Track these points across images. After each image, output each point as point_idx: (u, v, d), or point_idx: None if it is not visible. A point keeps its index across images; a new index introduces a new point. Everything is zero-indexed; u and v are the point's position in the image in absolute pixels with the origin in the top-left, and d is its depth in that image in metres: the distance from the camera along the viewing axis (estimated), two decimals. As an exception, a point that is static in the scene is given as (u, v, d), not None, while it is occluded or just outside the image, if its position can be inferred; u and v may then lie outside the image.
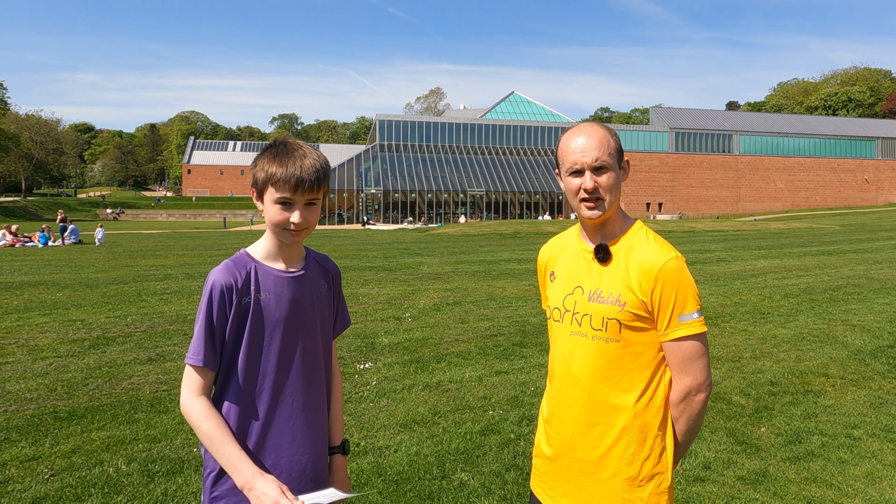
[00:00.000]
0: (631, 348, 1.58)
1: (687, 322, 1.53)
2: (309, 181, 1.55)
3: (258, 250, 1.66)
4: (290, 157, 1.56)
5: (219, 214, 77.11)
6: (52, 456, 3.74)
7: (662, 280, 1.53)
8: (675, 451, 1.63)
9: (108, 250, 20.76)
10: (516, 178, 61.68)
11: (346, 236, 31.26)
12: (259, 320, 1.58)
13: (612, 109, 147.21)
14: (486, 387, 5.16)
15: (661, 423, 1.59)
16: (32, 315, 8.09)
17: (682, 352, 1.55)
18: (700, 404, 1.57)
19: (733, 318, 8.01)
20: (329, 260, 1.82)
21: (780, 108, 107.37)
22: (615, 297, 1.58)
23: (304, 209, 1.58)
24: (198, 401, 1.54)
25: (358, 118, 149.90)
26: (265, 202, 1.60)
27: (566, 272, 1.72)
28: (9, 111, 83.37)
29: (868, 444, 3.96)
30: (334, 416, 1.78)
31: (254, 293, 1.58)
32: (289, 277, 1.64)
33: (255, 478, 1.46)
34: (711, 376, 1.57)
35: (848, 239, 24.14)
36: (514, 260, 16.38)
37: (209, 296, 1.55)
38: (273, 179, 1.55)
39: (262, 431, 1.59)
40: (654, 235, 1.63)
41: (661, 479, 1.58)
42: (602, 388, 1.60)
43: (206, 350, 1.54)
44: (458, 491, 3.35)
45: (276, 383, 1.60)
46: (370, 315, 8.21)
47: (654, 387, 1.59)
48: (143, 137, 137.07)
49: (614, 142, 1.64)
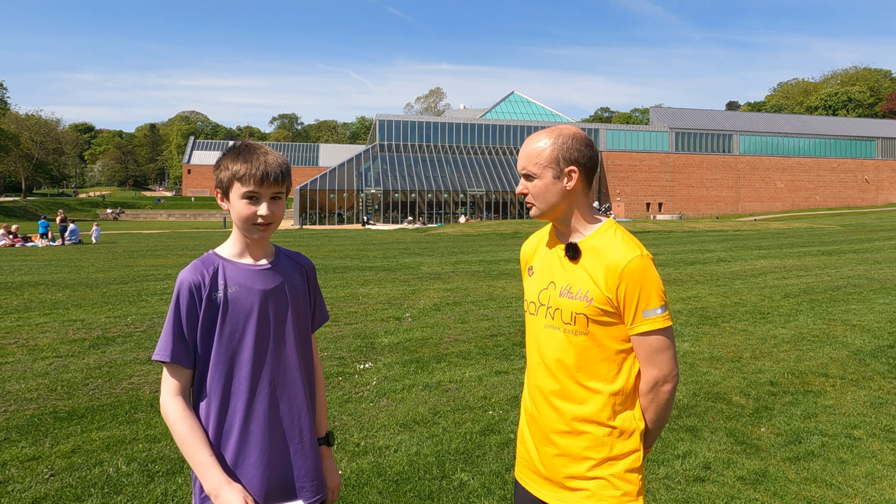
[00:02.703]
0: (599, 341, 1.67)
1: (651, 318, 1.62)
2: (274, 174, 1.61)
3: (226, 249, 1.70)
4: (252, 155, 1.63)
5: (218, 214, 77.08)
6: (52, 456, 3.74)
7: (627, 278, 1.61)
8: (645, 435, 1.73)
9: (108, 250, 20.76)
10: (516, 178, 61.57)
11: (346, 236, 31.26)
12: (230, 313, 1.61)
13: (612, 109, 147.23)
14: (486, 387, 5.16)
15: (631, 407, 1.70)
16: (32, 315, 8.09)
17: (647, 345, 1.64)
18: (667, 394, 1.67)
19: (733, 318, 8.01)
20: (302, 256, 1.86)
21: (780, 108, 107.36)
22: (583, 294, 1.67)
23: (270, 202, 1.63)
24: (174, 401, 1.56)
25: (358, 118, 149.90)
26: (231, 200, 1.64)
27: (541, 268, 1.82)
28: (9, 111, 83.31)
29: (868, 444, 3.96)
30: (318, 407, 1.81)
31: (222, 288, 1.62)
32: (258, 270, 1.67)
33: (221, 486, 1.49)
34: (678, 367, 1.67)
35: (848, 239, 24.14)
36: (514, 260, 16.38)
37: (177, 294, 1.58)
38: (238, 175, 1.61)
39: (244, 426, 1.60)
40: (622, 234, 1.70)
41: (634, 459, 1.68)
42: (573, 376, 1.70)
43: (173, 345, 1.56)
44: (458, 491, 3.35)
45: (253, 375, 1.62)
46: (370, 315, 8.21)
47: (624, 375, 1.68)
48: (143, 137, 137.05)
49: (552, 151, 1.69)
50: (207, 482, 1.51)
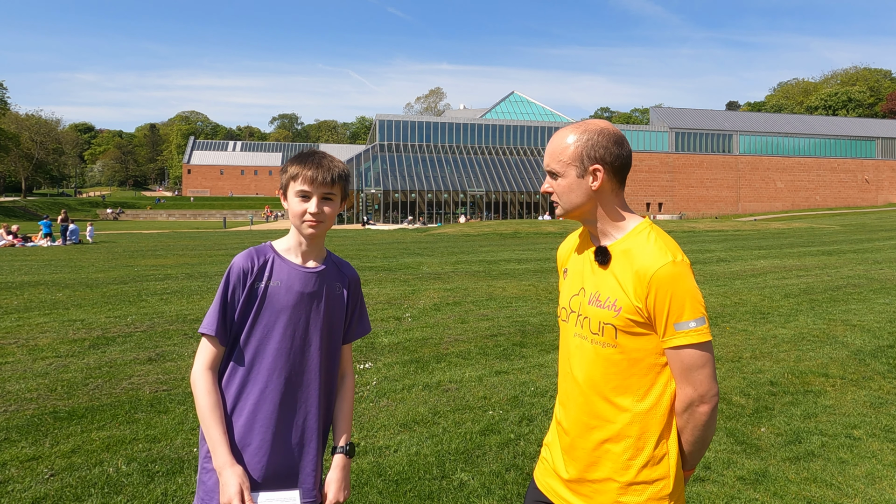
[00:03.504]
0: (629, 354, 1.53)
1: (683, 331, 1.46)
2: (323, 175, 1.72)
3: (281, 244, 1.81)
4: (310, 158, 1.76)
5: (219, 214, 77.11)
6: (52, 456, 3.74)
7: (656, 286, 1.46)
8: (682, 459, 1.58)
9: (108, 250, 20.76)
10: (516, 178, 61.68)
11: (346, 236, 31.26)
12: (266, 305, 1.71)
13: (612, 109, 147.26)
14: (486, 387, 5.16)
15: (665, 430, 1.54)
16: (32, 315, 8.09)
17: (680, 360, 1.48)
18: (705, 416, 1.50)
19: (733, 318, 8.01)
20: (349, 266, 1.93)
21: (780, 108, 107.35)
22: (611, 302, 1.54)
23: (320, 201, 1.73)
24: (204, 375, 1.68)
25: (358, 118, 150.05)
26: (288, 198, 1.75)
27: (574, 272, 1.71)
28: (9, 111, 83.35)
29: (868, 444, 3.96)
30: (341, 417, 1.85)
31: (266, 280, 1.72)
32: (302, 271, 1.76)
33: (225, 466, 1.61)
34: (717, 386, 1.50)
35: (848, 239, 24.14)
36: (514, 260, 16.38)
37: (227, 276, 1.71)
38: (294, 175, 1.74)
39: (252, 413, 1.69)
40: (656, 236, 1.55)
41: (663, 485, 1.53)
42: (599, 391, 1.57)
43: (218, 322, 1.68)
44: (458, 491, 3.35)
45: (272, 369, 1.70)
46: (370, 315, 8.21)
47: (657, 393, 1.53)
48: (143, 137, 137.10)
49: (576, 148, 1.57)
50: (215, 459, 1.62)
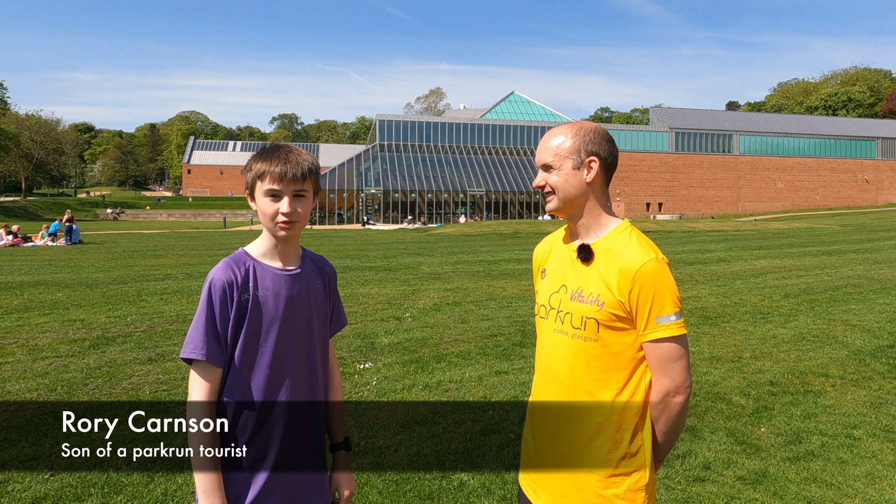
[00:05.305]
0: (609, 348, 1.60)
1: (664, 324, 1.55)
2: (293, 172, 1.61)
3: (255, 249, 1.69)
4: (276, 153, 1.64)
5: (219, 214, 77.11)
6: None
7: (640, 281, 1.55)
8: (655, 449, 1.64)
9: (108, 250, 20.76)
10: (516, 178, 61.68)
11: (346, 236, 31.26)
12: (257, 317, 1.61)
13: (612, 109, 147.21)
14: (486, 387, 5.16)
15: (640, 422, 1.61)
16: (32, 315, 8.09)
17: (659, 353, 1.56)
18: (679, 406, 1.58)
19: (733, 318, 8.01)
20: (325, 260, 1.84)
21: (780, 108, 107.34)
22: (594, 297, 1.60)
23: (292, 200, 1.62)
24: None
25: (358, 118, 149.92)
26: (257, 199, 1.65)
27: (554, 270, 1.76)
28: (9, 111, 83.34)
29: (868, 444, 3.96)
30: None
31: (252, 290, 1.61)
32: (286, 275, 1.67)
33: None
34: (691, 378, 1.59)
35: (848, 239, 24.14)
36: (514, 260, 16.38)
37: (209, 292, 1.58)
38: (261, 174, 1.62)
39: (256, 428, 1.60)
40: (637, 236, 1.63)
41: (639, 476, 1.60)
42: (580, 385, 1.63)
43: (207, 343, 1.56)
44: (458, 491, 3.35)
45: (270, 379, 1.62)
46: (370, 315, 8.21)
47: (633, 386, 1.60)
48: (143, 137, 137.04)
49: (574, 142, 1.66)
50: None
